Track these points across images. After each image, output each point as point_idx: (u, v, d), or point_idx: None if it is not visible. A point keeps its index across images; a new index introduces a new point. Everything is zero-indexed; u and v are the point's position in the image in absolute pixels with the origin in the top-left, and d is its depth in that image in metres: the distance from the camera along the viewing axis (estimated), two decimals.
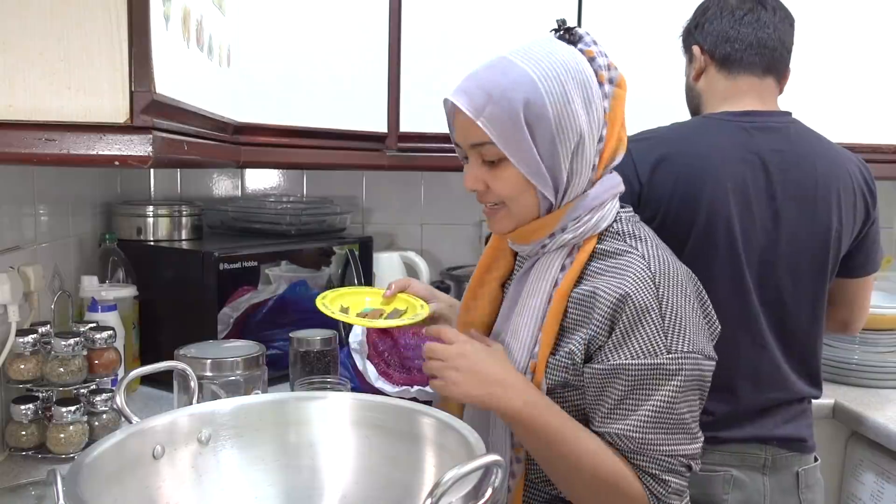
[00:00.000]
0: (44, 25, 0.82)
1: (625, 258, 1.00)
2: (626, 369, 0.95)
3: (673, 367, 0.95)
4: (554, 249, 1.04)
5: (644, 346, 0.95)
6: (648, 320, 0.95)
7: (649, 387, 0.95)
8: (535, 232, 1.04)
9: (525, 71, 0.97)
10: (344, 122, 1.73)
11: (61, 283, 1.58)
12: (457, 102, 0.99)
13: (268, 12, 1.57)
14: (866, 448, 1.64)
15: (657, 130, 1.35)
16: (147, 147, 0.86)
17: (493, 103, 0.97)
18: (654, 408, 0.95)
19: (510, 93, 0.96)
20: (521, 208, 1.03)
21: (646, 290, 0.96)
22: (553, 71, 0.97)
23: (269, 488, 0.94)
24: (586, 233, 1.03)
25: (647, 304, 0.96)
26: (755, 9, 1.36)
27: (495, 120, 0.97)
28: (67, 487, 0.70)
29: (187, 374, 1.01)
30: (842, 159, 1.37)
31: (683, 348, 0.96)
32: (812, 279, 1.34)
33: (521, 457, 1.04)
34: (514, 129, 0.97)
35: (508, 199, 1.03)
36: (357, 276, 1.89)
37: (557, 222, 1.02)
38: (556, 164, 0.99)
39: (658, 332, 0.95)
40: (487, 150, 1.00)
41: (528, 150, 0.98)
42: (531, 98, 0.96)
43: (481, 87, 0.98)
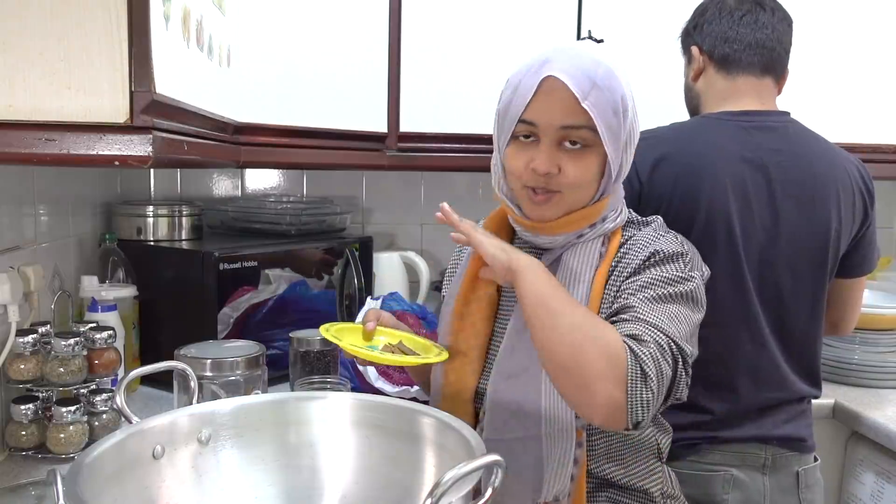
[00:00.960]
0: (44, 25, 0.82)
1: (647, 235, 1.08)
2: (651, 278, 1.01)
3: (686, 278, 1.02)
4: (592, 239, 1.08)
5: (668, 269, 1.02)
6: (674, 261, 1.03)
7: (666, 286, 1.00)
8: (581, 220, 1.07)
9: (609, 66, 1.01)
10: (344, 122, 1.73)
11: (61, 283, 1.58)
12: (564, 80, 0.98)
13: (268, 12, 1.57)
14: (866, 448, 1.64)
15: (657, 130, 1.36)
16: (147, 147, 0.86)
17: (598, 90, 0.99)
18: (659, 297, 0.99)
19: (611, 83, 1.00)
20: (580, 197, 1.05)
21: (672, 243, 1.05)
22: (623, 72, 1.03)
23: (269, 488, 0.94)
24: (620, 223, 1.10)
25: (674, 252, 1.04)
26: (753, 9, 1.36)
27: (600, 106, 0.99)
28: (67, 487, 0.70)
29: (187, 374, 1.01)
30: (840, 159, 1.37)
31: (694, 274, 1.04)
32: (811, 278, 1.34)
33: (581, 441, 1.04)
34: (615, 118, 1.01)
35: (574, 186, 1.03)
36: (357, 276, 1.89)
37: (601, 213, 1.07)
38: (626, 160, 1.06)
39: (681, 267, 1.03)
40: (579, 133, 1.00)
41: (619, 142, 1.03)
42: (624, 93, 1.02)
43: (583, 72, 0.99)
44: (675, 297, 1.00)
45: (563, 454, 1.03)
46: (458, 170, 2.03)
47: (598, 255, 1.07)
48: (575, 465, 1.03)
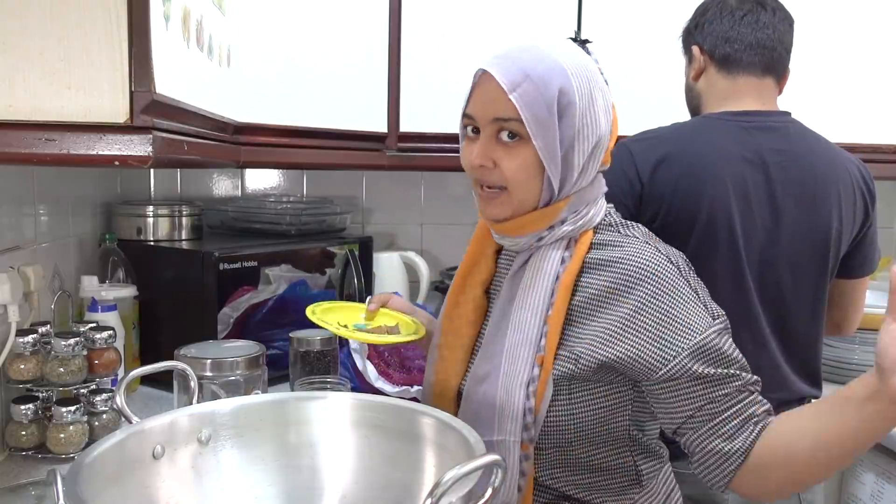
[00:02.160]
0: (44, 25, 0.82)
1: (627, 244, 1.02)
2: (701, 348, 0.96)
3: (724, 331, 0.99)
4: (551, 242, 1.04)
5: (694, 321, 0.97)
6: (686, 297, 0.98)
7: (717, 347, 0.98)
8: (535, 223, 1.03)
9: (558, 61, 0.99)
10: (344, 122, 1.73)
11: (61, 283, 1.58)
12: (492, 72, 0.99)
13: (268, 12, 1.57)
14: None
15: (657, 130, 1.36)
16: (147, 147, 0.86)
17: (530, 82, 0.97)
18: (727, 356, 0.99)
19: (547, 76, 0.98)
20: (523, 195, 1.02)
21: (668, 270, 0.99)
22: (582, 69, 1.00)
23: (269, 488, 0.94)
24: (584, 226, 1.04)
25: (676, 283, 0.98)
26: (754, 9, 1.36)
27: (528, 98, 0.97)
28: (67, 487, 0.70)
29: (187, 374, 1.01)
30: (841, 159, 1.37)
31: (720, 311, 1.01)
32: (812, 278, 1.34)
33: (528, 454, 1.03)
34: (546, 112, 0.98)
35: (513, 182, 1.01)
36: (357, 276, 1.89)
37: (558, 214, 1.03)
38: (571, 157, 1.00)
39: (699, 306, 0.99)
40: (510, 126, 0.99)
41: (553, 136, 0.98)
42: (565, 87, 0.98)
43: (517, 65, 0.99)
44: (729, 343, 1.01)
45: (511, 464, 1.02)
46: (458, 170, 2.00)
47: (560, 260, 1.03)
48: (522, 476, 1.03)
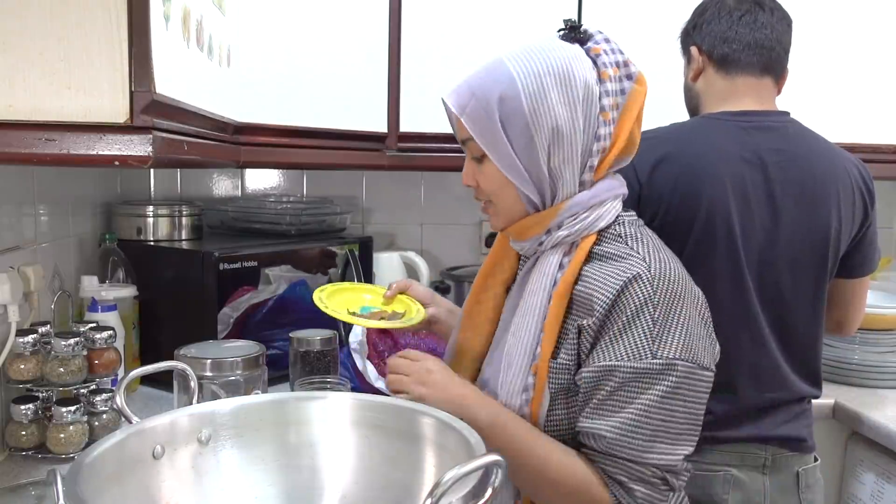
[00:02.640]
0: (44, 25, 0.82)
1: (625, 262, 0.98)
2: (612, 371, 0.94)
3: (655, 373, 0.93)
4: (551, 247, 1.04)
5: (631, 348, 0.93)
6: (640, 323, 0.94)
7: (632, 391, 0.93)
8: (531, 228, 1.04)
9: (507, 69, 0.99)
10: (344, 122, 1.73)
11: (61, 283, 1.58)
12: (446, 100, 1.04)
13: (268, 12, 1.57)
14: (866, 448, 1.64)
15: (656, 131, 1.36)
16: (147, 147, 0.86)
17: (475, 99, 1.00)
18: (633, 412, 0.93)
19: (488, 89, 0.99)
20: (505, 205, 1.05)
21: (641, 291, 0.95)
22: (534, 68, 0.99)
23: (269, 488, 0.94)
24: (583, 231, 1.02)
25: (640, 306, 0.94)
26: (753, 9, 1.36)
27: (475, 116, 1.00)
28: (67, 487, 0.70)
29: (187, 374, 1.01)
30: (840, 159, 1.37)
31: (670, 354, 0.93)
32: (812, 278, 1.34)
33: None
34: (489, 124, 0.99)
35: (492, 195, 1.05)
36: (357, 276, 1.89)
37: (553, 218, 1.02)
38: (534, 160, 1.00)
39: (646, 336, 0.93)
40: (472, 146, 1.03)
41: (503, 146, 0.99)
42: (507, 94, 0.98)
43: (468, 86, 1.02)
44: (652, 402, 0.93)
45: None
46: (458, 170, 2.01)
47: (558, 266, 1.02)
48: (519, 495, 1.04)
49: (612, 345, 0.95)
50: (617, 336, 0.95)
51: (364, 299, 1.33)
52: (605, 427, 0.94)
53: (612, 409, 0.94)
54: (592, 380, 0.96)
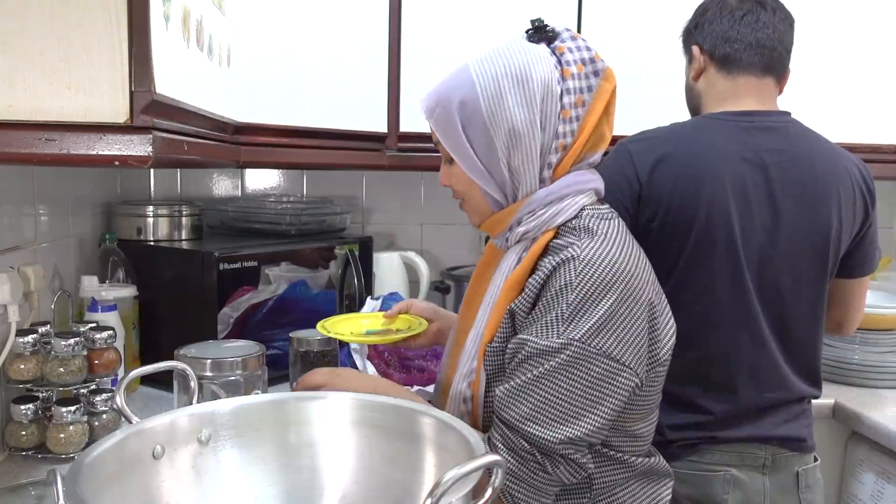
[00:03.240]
0: (44, 25, 0.82)
1: (566, 252, 0.99)
2: (521, 344, 0.98)
3: (553, 351, 0.94)
4: (514, 243, 1.06)
5: (543, 327, 0.96)
6: (557, 304, 0.96)
7: (532, 365, 0.96)
8: (496, 225, 1.09)
9: (469, 73, 1.04)
10: (344, 122, 1.73)
11: (61, 283, 1.58)
12: (420, 104, 1.09)
13: (268, 12, 1.57)
14: (866, 448, 1.64)
15: (656, 130, 1.36)
16: (147, 147, 0.86)
17: (440, 106, 1.05)
18: (523, 381, 0.96)
19: (449, 93, 1.04)
20: (473, 204, 1.10)
21: (566, 274, 0.96)
22: (492, 71, 1.02)
23: (269, 488, 0.94)
24: (540, 227, 1.03)
25: (561, 288, 0.96)
26: (755, 9, 1.36)
27: (441, 120, 1.05)
28: (67, 487, 0.70)
29: (187, 374, 1.01)
30: (841, 159, 1.37)
31: (575, 336, 0.94)
32: (812, 278, 1.34)
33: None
34: (451, 129, 1.04)
35: (462, 195, 1.12)
36: (357, 276, 1.89)
37: (513, 216, 1.05)
38: (494, 161, 1.04)
39: (559, 317, 0.95)
40: (442, 149, 1.09)
41: (464, 148, 1.04)
42: (466, 97, 1.02)
43: (436, 91, 1.08)
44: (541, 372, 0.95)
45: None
46: None
47: (517, 260, 1.04)
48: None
49: (532, 323, 0.99)
50: (537, 315, 0.98)
51: (362, 324, 1.42)
52: (500, 390, 0.98)
53: (510, 378, 0.99)
54: (510, 352, 1.01)
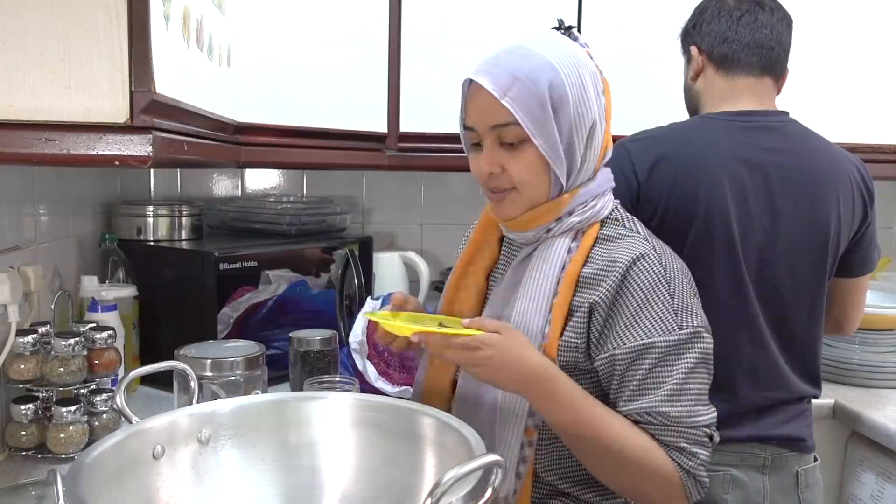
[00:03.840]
0: (44, 25, 0.82)
1: (628, 239, 1.04)
2: (647, 349, 0.98)
3: (684, 343, 0.99)
4: (559, 234, 1.05)
5: (658, 324, 0.99)
6: (657, 299, 0.99)
7: (669, 362, 0.99)
8: (543, 216, 1.05)
9: (544, 56, 1.00)
10: (344, 122, 1.73)
11: (61, 283, 1.58)
12: (480, 81, 1.00)
13: (268, 12, 1.57)
14: (866, 448, 1.64)
15: (655, 130, 1.36)
16: (147, 147, 0.86)
17: (520, 83, 0.99)
18: (675, 383, 0.98)
19: (535, 74, 0.99)
20: (533, 193, 1.04)
21: (651, 268, 1.00)
22: (569, 59, 1.01)
23: (269, 488, 0.94)
24: (591, 218, 1.06)
25: (654, 283, 1.00)
26: (753, 9, 1.36)
27: (521, 100, 0.99)
28: (67, 487, 0.70)
29: (187, 374, 1.01)
30: (840, 159, 1.37)
31: (693, 323, 1.00)
32: (811, 278, 1.34)
33: (532, 440, 1.04)
34: (540, 110, 0.99)
35: (522, 183, 1.03)
36: (357, 276, 1.89)
37: (566, 206, 1.05)
38: (573, 148, 1.02)
39: (668, 310, 0.99)
40: (509, 131, 1.01)
41: (551, 132, 1.00)
42: (554, 81, 0.99)
43: (505, 69, 1.00)
44: (686, 369, 0.99)
45: (512, 450, 1.03)
46: (458, 170, 2.01)
47: (567, 251, 1.05)
48: (523, 463, 1.04)
49: (636, 323, 0.99)
50: (636, 314, 0.99)
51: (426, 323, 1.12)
52: (656, 401, 0.98)
53: (656, 384, 0.99)
54: (625, 361, 0.99)
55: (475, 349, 0.94)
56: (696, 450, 0.99)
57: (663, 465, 0.98)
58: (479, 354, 0.94)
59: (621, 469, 0.99)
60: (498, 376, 0.96)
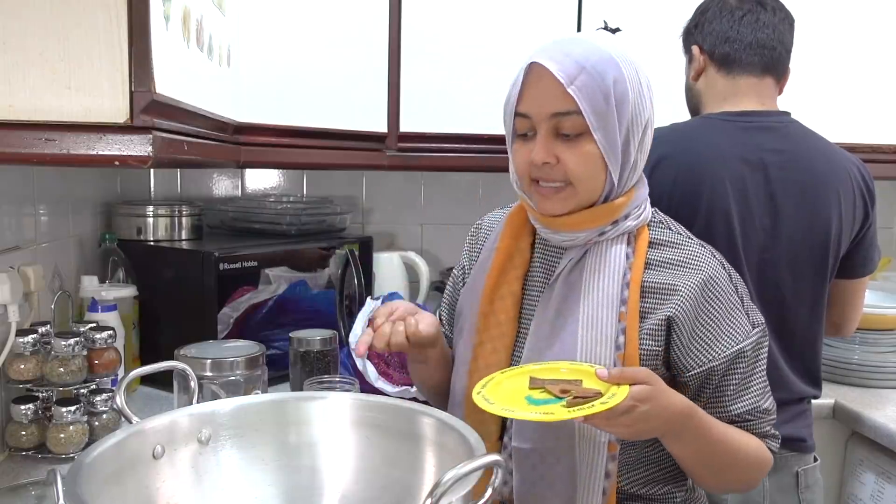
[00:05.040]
0: (44, 25, 0.82)
1: (688, 248, 1.05)
2: (740, 355, 1.02)
3: (760, 340, 1.05)
4: (614, 238, 1.03)
5: (740, 329, 1.03)
6: (733, 305, 1.03)
7: (753, 362, 1.04)
8: (600, 217, 1.02)
9: (608, 52, 0.99)
10: (344, 122, 1.72)
11: (61, 283, 1.58)
12: (547, 66, 0.96)
13: (268, 12, 1.57)
14: (866, 448, 1.64)
15: (656, 130, 1.34)
16: (147, 147, 0.86)
17: (587, 74, 0.96)
18: (759, 379, 1.05)
19: (602, 66, 0.97)
20: (588, 189, 1.00)
21: (723, 277, 1.04)
22: (629, 58, 1.01)
23: (269, 488, 0.94)
24: (643, 221, 1.06)
25: (728, 291, 1.03)
26: (755, 9, 1.36)
27: (587, 90, 0.96)
28: (67, 487, 0.70)
29: (187, 374, 1.01)
30: (841, 159, 1.37)
31: (759, 320, 1.05)
32: (812, 278, 1.34)
33: (615, 455, 1.01)
34: (604, 103, 0.97)
35: (578, 178, 0.99)
36: (357, 276, 1.89)
37: (623, 209, 1.03)
38: (628, 147, 1.01)
39: (741, 313, 1.03)
40: (570, 121, 0.97)
41: (613, 126, 0.98)
42: (619, 77, 0.98)
43: (572, 58, 0.97)
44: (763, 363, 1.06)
45: (596, 467, 1.00)
46: (458, 170, 2.03)
47: (625, 256, 1.03)
48: (607, 478, 1.00)
49: (723, 334, 1.02)
50: (720, 325, 1.02)
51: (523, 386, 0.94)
52: (754, 400, 1.04)
53: (749, 384, 1.04)
54: (721, 370, 1.02)
55: (631, 408, 0.87)
56: (776, 431, 1.07)
57: (766, 455, 1.05)
58: (635, 413, 0.88)
59: (743, 472, 1.06)
60: (647, 428, 0.92)
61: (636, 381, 0.89)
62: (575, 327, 1.00)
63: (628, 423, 0.89)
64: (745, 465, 1.04)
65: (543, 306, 1.05)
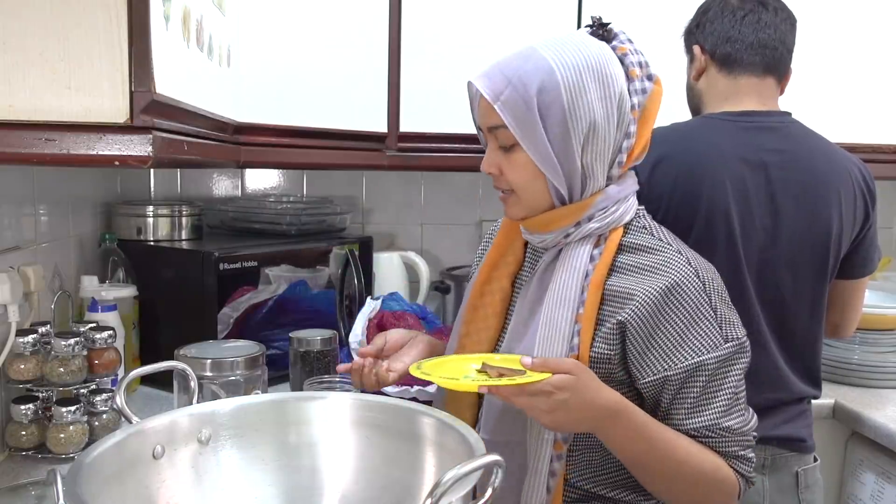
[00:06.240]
0: (44, 25, 0.82)
1: (661, 254, 1.02)
2: (699, 367, 0.98)
3: (732, 355, 1.00)
4: (578, 239, 1.04)
5: (706, 341, 0.99)
6: (703, 315, 0.99)
7: (719, 376, 1.00)
8: (560, 220, 1.04)
9: (546, 59, 0.99)
10: (344, 122, 1.72)
11: (61, 283, 1.58)
12: (478, 85, 1.01)
13: (268, 12, 1.57)
14: (866, 448, 1.64)
15: (657, 130, 1.34)
16: (147, 147, 0.86)
17: (511, 87, 0.99)
18: (728, 396, 1.00)
19: (526, 78, 0.99)
20: (531, 197, 1.04)
21: (694, 287, 0.99)
22: (572, 60, 1.00)
23: (269, 488, 0.94)
24: (612, 224, 1.04)
25: (699, 302, 0.99)
26: (756, 9, 1.36)
27: (510, 104, 0.99)
28: (67, 487, 0.70)
29: (187, 374, 1.01)
30: (842, 160, 1.37)
31: (736, 335, 1.01)
32: (812, 279, 1.34)
33: (561, 454, 1.03)
34: (526, 114, 0.98)
35: (518, 186, 1.04)
36: (357, 277, 1.89)
37: (585, 211, 1.03)
38: (568, 153, 1.00)
39: (713, 325, 0.99)
40: (502, 134, 1.02)
41: (539, 137, 0.99)
42: (546, 85, 0.98)
43: (502, 72, 1.01)
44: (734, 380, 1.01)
45: (541, 464, 1.02)
46: (458, 170, 2.03)
47: (589, 258, 1.03)
48: (552, 477, 1.02)
49: (684, 343, 0.99)
50: (683, 334, 0.99)
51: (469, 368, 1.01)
52: (715, 417, 0.99)
53: (710, 399, 1.00)
54: (678, 381, 0.99)
55: (549, 394, 0.90)
56: (749, 454, 1.02)
57: (727, 475, 1.00)
58: (553, 400, 0.90)
59: (691, 487, 1.01)
60: (569, 419, 0.93)
61: (559, 371, 0.91)
62: (537, 326, 1.03)
63: (547, 409, 0.91)
64: (694, 481, 0.99)
65: (520, 304, 1.10)
